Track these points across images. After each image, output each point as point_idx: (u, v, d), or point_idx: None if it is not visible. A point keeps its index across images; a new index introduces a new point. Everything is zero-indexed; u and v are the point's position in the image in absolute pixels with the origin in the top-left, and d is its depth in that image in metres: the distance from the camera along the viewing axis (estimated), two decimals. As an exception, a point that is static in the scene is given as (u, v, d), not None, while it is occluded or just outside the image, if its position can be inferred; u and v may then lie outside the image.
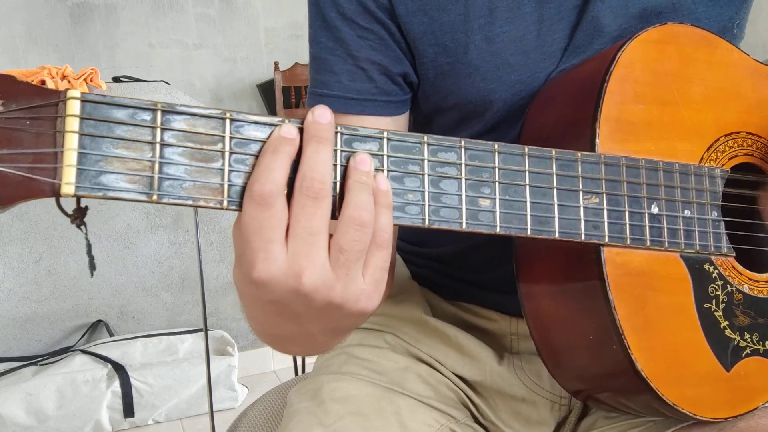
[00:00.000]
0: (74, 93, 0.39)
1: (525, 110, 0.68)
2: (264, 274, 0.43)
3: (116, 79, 2.46)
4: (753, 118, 0.64)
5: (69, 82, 2.10)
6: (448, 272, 0.82)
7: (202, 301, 1.52)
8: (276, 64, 3.29)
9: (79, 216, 0.43)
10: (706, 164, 0.61)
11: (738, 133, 0.64)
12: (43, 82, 2.09)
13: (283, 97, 3.27)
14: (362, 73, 0.70)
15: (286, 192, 0.43)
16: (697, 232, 0.59)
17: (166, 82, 2.47)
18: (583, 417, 0.75)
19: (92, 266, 0.45)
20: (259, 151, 0.44)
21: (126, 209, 2.38)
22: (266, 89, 3.63)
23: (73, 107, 0.39)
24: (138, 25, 3.57)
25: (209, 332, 2.07)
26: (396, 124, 0.73)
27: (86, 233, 0.44)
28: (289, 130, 0.44)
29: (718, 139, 0.63)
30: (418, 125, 0.80)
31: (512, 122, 0.69)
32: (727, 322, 0.60)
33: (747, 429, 0.60)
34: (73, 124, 0.39)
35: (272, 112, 3.59)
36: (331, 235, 0.45)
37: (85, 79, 2.13)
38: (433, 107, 0.75)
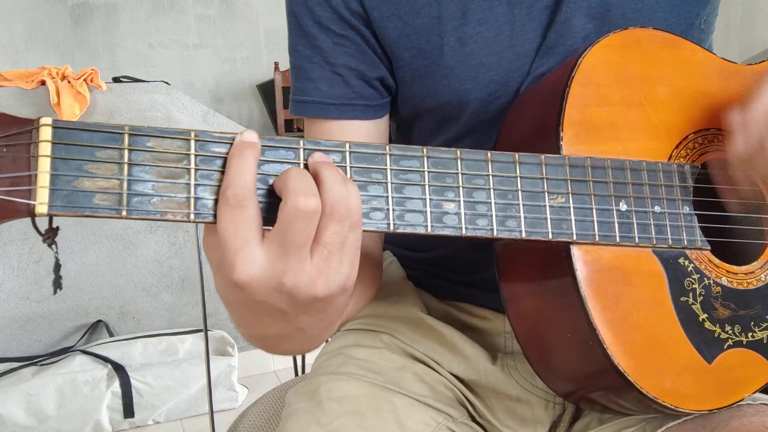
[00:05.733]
0: (46, 120, 0.41)
1: (501, 111, 0.69)
2: (244, 275, 0.44)
3: (116, 80, 2.46)
4: (722, 114, 0.64)
5: (69, 82, 2.09)
6: (441, 274, 0.83)
7: (202, 302, 1.53)
8: (276, 64, 3.29)
9: (50, 236, 0.45)
10: (675, 161, 0.62)
11: (708, 130, 0.65)
12: (43, 83, 2.09)
13: (283, 97, 3.27)
14: (339, 79, 0.71)
15: (256, 194, 0.44)
16: (668, 227, 0.60)
17: (166, 83, 2.48)
18: (576, 419, 0.75)
19: (57, 284, 0.46)
20: (224, 165, 0.46)
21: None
22: (266, 89, 3.65)
23: (46, 133, 0.42)
24: (138, 25, 3.58)
25: (209, 332, 2.04)
26: (375, 127, 0.74)
27: (56, 252, 0.45)
28: (249, 135, 0.46)
29: (686, 137, 0.63)
30: (401, 132, 0.82)
31: (490, 124, 0.71)
32: (705, 315, 0.60)
33: (740, 427, 0.60)
34: (45, 148, 0.41)
35: (272, 112, 3.60)
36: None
37: (85, 80, 2.13)
38: (413, 111, 0.76)
